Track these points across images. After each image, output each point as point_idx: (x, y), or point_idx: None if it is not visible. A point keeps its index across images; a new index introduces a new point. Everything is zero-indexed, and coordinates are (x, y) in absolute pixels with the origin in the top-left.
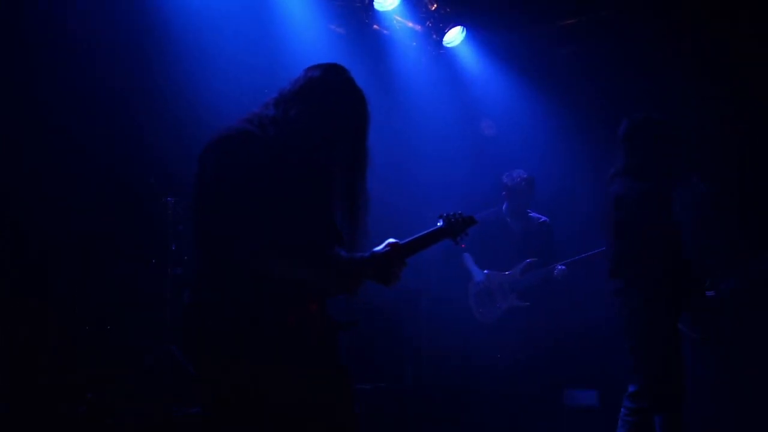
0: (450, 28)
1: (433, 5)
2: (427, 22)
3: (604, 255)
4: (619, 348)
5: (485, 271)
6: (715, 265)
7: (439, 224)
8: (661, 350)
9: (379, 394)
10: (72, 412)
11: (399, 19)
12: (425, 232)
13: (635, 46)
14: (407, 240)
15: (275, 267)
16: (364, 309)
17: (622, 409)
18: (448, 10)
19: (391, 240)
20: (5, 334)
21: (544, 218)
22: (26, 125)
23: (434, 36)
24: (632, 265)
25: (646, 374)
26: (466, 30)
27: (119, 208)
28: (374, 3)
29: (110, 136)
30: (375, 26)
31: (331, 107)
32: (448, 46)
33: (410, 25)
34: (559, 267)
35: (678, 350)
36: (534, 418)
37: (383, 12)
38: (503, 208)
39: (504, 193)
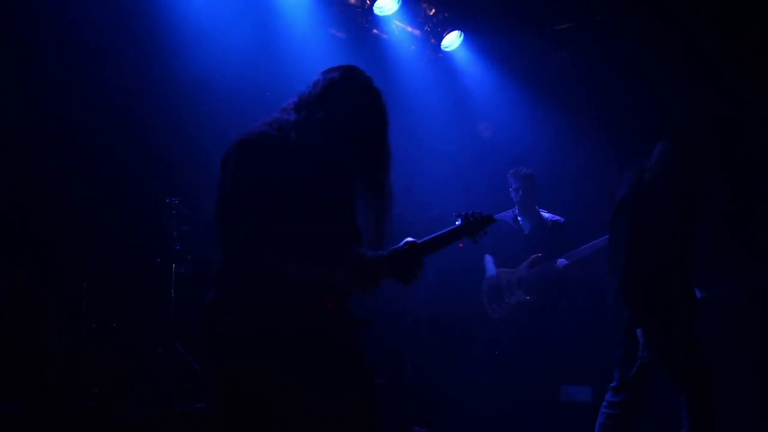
0: (448, 33)
1: (431, 10)
2: (426, 27)
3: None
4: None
5: (496, 269)
6: (710, 268)
7: (457, 223)
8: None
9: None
10: (78, 407)
11: (398, 23)
12: (443, 231)
13: (630, 50)
14: (425, 239)
15: (291, 267)
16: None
17: (603, 402)
18: (446, 14)
19: (409, 239)
20: (14, 331)
21: (558, 218)
22: (33, 127)
23: (432, 40)
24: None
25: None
26: (464, 34)
27: (125, 208)
28: (374, 8)
29: (116, 138)
30: (374, 31)
31: (355, 109)
32: (446, 50)
33: (409, 29)
34: (561, 260)
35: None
36: (530, 414)
37: (383, 17)
38: (516, 207)
39: (511, 190)
